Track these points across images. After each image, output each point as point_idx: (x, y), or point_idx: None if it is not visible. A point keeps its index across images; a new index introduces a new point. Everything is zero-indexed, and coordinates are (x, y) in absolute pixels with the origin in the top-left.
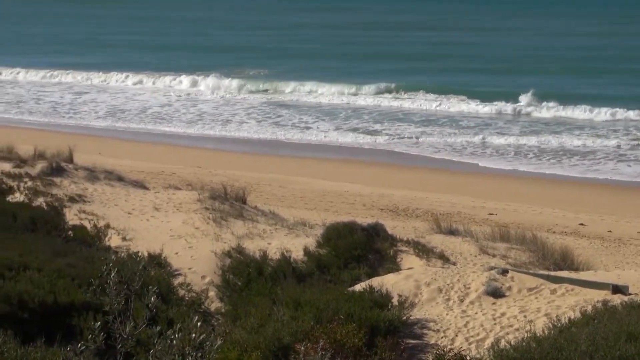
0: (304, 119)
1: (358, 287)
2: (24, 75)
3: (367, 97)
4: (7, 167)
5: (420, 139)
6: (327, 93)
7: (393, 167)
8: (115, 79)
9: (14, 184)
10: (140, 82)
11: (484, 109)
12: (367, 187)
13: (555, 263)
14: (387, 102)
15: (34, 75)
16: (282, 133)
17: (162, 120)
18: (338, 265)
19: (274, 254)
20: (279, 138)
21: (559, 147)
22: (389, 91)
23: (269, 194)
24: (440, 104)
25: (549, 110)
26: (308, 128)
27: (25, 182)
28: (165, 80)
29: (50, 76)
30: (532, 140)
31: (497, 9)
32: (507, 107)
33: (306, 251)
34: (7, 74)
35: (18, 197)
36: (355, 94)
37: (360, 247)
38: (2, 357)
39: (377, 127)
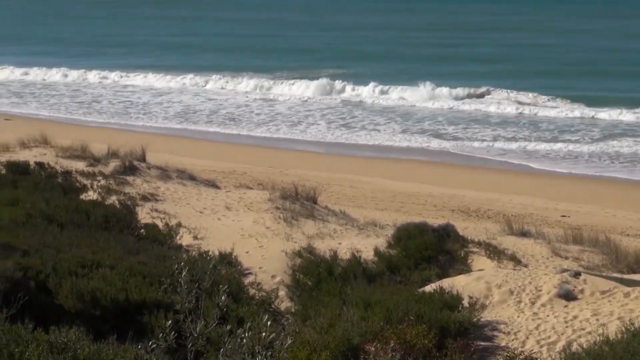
0: (376, 119)
1: (428, 288)
2: (97, 76)
3: (446, 100)
4: (81, 165)
5: (496, 143)
6: (402, 95)
7: (464, 168)
8: (194, 81)
9: (87, 182)
10: (214, 82)
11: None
12: (438, 188)
13: (628, 266)
14: (472, 105)
15: (112, 76)
16: (355, 135)
17: (234, 120)
18: (408, 266)
19: (344, 254)
20: (353, 141)
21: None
22: (473, 96)
23: (339, 194)
24: (535, 108)
25: None
26: (377, 130)
27: (99, 181)
28: (241, 81)
29: (127, 77)
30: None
31: (567, 9)
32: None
33: (376, 251)
34: (93, 75)
35: (91, 195)
36: (431, 98)
37: (431, 248)
38: (75, 354)
39: (451, 129)
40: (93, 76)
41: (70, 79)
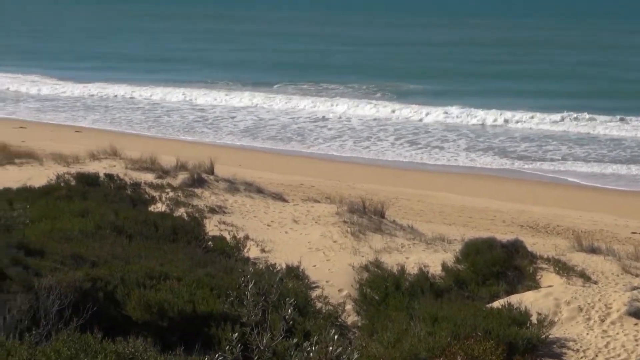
0: (448, 136)
1: (496, 304)
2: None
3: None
4: (150, 177)
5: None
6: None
7: (533, 184)
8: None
9: (156, 194)
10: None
11: None
12: (507, 204)
13: None
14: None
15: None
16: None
17: (302, 135)
18: (476, 281)
19: (411, 268)
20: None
21: None
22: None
23: (407, 209)
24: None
25: None
26: (442, 147)
27: (167, 193)
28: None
29: (192, 92)
30: None
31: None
32: None
33: (444, 266)
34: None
35: (160, 207)
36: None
37: (499, 264)
38: None
39: (524, 146)
40: (160, 91)
41: (140, 94)
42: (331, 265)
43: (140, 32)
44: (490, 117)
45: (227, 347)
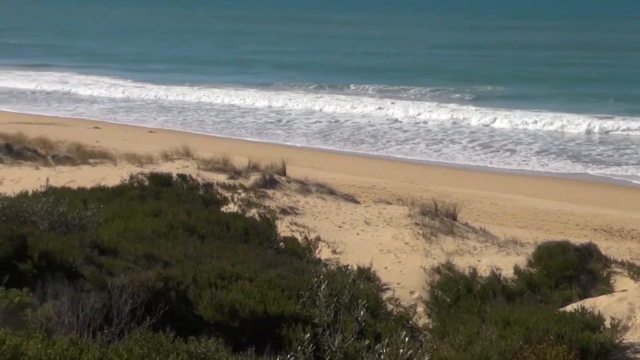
0: (523, 139)
1: (569, 308)
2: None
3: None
4: (222, 178)
5: None
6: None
7: (605, 187)
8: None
9: (228, 194)
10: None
11: None
12: (580, 207)
13: None
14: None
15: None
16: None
17: (375, 137)
18: (549, 285)
19: (483, 271)
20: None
21: None
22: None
23: (479, 211)
24: None
25: None
26: (514, 150)
27: (239, 194)
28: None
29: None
30: None
31: None
32: None
33: (516, 269)
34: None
35: (232, 207)
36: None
37: (572, 268)
38: None
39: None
40: (234, 93)
41: (213, 95)
42: (402, 267)
43: (213, 34)
44: (565, 120)
45: (299, 347)
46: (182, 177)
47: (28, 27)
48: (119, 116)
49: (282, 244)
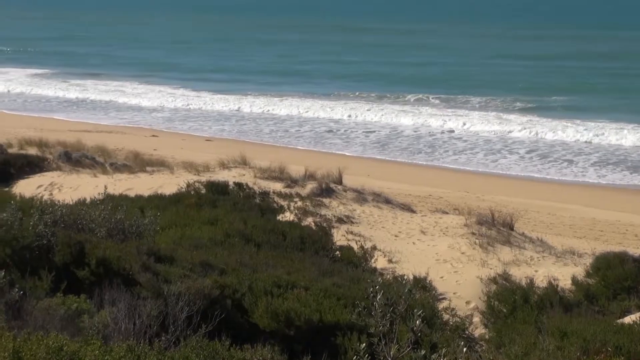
0: (584, 149)
1: (627, 319)
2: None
3: None
4: (278, 186)
5: None
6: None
7: None
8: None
9: (284, 203)
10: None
11: None
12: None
13: None
14: None
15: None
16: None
17: (433, 147)
18: (607, 296)
19: (540, 282)
20: (551, 174)
21: None
22: None
23: (537, 221)
24: None
25: None
26: (572, 161)
27: (296, 202)
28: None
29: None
30: None
31: None
32: None
33: (574, 280)
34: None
35: (288, 216)
36: None
37: (631, 279)
38: None
39: None
40: (293, 103)
41: (271, 105)
42: (459, 277)
43: (273, 43)
44: (626, 131)
45: (355, 356)
46: (238, 185)
47: (93, 36)
48: (177, 125)
49: (338, 252)
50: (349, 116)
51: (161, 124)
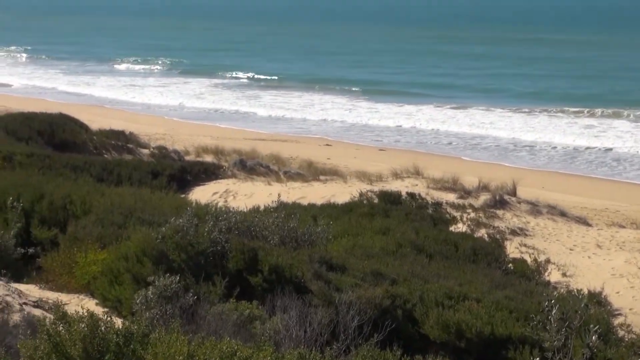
0: None
1: None
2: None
3: None
4: (451, 197)
5: None
6: None
7: None
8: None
9: (457, 214)
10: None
11: None
12: None
13: None
14: None
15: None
16: None
17: (618, 160)
18: None
19: None
20: None
21: None
22: None
23: None
24: None
25: None
26: None
27: (468, 213)
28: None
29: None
30: None
31: None
32: None
33: None
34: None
35: (461, 227)
36: None
37: None
38: None
39: None
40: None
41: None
42: (635, 293)
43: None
44: None
45: None
46: (411, 195)
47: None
48: (351, 134)
49: (510, 265)
50: (532, 131)
51: (335, 134)
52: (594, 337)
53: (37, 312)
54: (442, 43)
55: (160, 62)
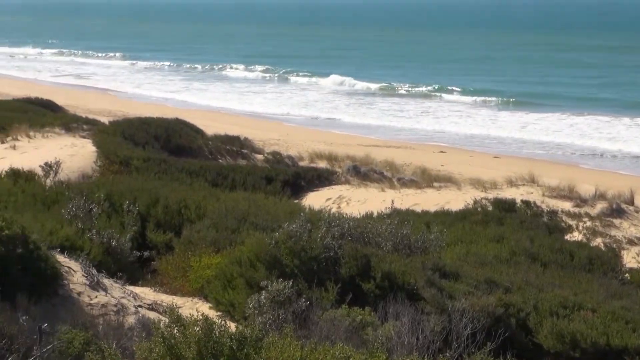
0: None
1: None
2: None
3: None
4: (567, 205)
5: None
6: None
7: None
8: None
9: (573, 222)
10: None
11: None
12: None
13: None
14: None
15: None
16: None
17: None
18: None
19: None
20: None
21: None
22: None
23: None
24: None
25: None
26: None
27: (585, 222)
28: None
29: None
30: None
31: None
32: None
33: None
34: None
35: (576, 236)
36: None
37: None
38: None
39: None
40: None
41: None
42: None
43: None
44: None
45: None
46: (525, 203)
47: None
48: (465, 142)
49: (627, 275)
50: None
51: (451, 141)
52: None
53: (152, 314)
54: (557, 50)
55: (268, 69)
